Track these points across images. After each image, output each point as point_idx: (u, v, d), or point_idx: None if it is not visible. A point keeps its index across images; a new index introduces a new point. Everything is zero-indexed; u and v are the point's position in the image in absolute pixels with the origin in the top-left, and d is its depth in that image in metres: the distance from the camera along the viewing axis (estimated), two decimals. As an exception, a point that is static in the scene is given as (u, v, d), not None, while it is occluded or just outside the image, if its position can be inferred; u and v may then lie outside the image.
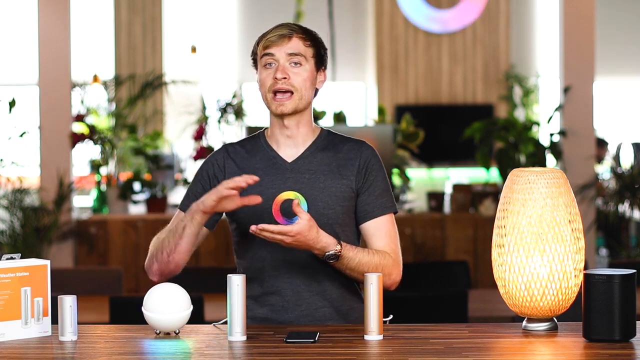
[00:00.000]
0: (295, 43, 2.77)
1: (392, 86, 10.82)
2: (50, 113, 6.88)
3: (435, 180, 9.58)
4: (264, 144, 2.86)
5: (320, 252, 2.69)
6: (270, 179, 2.79)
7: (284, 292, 2.78)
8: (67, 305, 2.53)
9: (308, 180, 2.79)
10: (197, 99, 8.57)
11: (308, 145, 2.84)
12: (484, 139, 7.27)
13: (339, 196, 2.78)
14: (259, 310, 2.81)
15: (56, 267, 4.56)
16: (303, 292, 2.78)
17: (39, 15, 6.89)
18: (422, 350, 2.41)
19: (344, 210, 2.79)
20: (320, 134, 2.87)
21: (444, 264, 5.75)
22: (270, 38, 2.76)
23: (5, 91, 9.57)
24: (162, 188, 7.25)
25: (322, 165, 2.81)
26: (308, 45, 2.78)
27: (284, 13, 10.05)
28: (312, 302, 2.79)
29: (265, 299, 2.80)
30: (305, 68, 2.77)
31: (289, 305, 2.79)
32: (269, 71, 2.77)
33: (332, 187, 2.79)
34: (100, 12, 10.99)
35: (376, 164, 2.84)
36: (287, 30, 2.77)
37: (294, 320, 2.78)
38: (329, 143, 2.85)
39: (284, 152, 2.83)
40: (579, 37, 6.94)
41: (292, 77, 2.76)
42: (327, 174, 2.80)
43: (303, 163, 2.81)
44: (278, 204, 2.74)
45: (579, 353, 2.39)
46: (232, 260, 7.24)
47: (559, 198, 2.55)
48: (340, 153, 2.83)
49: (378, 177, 2.83)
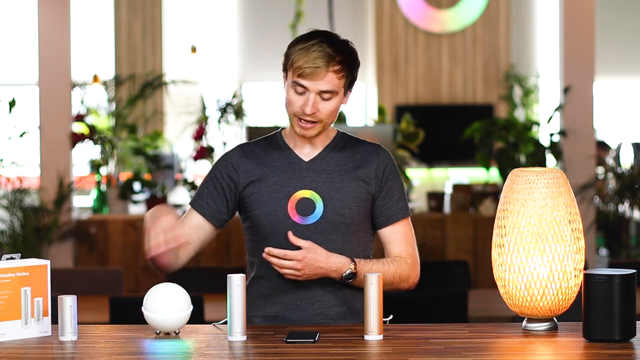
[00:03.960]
0: (330, 79, 2.70)
1: (392, 86, 10.82)
2: (50, 113, 6.88)
3: (435, 180, 9.59)
4: (281, 142, 2.86)
5: (337, 274, 2.72)
6: (287, 177, 2.80)
7: (297, 290, 2.79)
8: (67, 305, 2.53)
9: (325, 179, 2.80)
10: (197, 99, 8.58)
11: (325, 145, 2.84)
12: (484, 139, 7.27)
13: (355, 197, 2.79)
14: (271, 309, 2.81)
15: (56, 267, 4.56)
16: (316, 291, 2.79)
17: (39, 15, 6.89)
18: (422, 350, 2.41)
19: (360, 211, 2.80)
20: (337, 135, 2.88)
21: (444, 264, 5.74)
22: (306, 70, 2.69)
23: (5, 91, 9.57)
24: (162, 188, 7.25)
25: (339, 166, 2.82)
26: (341, 77, 2.73)
27: (284, 13, 10.06)
28: (325, 301, 2.79)
29: (278, 296, 2.80)
30: (334, 100, 2.74)
31: (302, 304, 2.79)
32: (299, 98, 2.73)
33: (348, 188, 2.79)
34: (100, 12, 10.99)
35: (393, 168, 2.86)
36: (324, 61, 2.68)
37: (306, 318, 2.79)
38: (346, 144, 2.86)
39: (301, 151, 2.84)
40: (579, 37, 6.94)
41: (321, 110, 2.73)
42: (343, 174, 2.81)
43: (320, 163, 2.82)
44: (294, 202, 2.74)
45: (579, 353, 2.39)
46: (232, 260, 7.27)
47: (559, 198, 2.55)
48: (357, 155, 2.84)
49: (396, 181, 2.85)
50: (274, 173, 2.79)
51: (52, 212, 6.79)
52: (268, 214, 2.78)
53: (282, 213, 2.76)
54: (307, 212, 2.76)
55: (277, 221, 2.77)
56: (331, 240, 2.77)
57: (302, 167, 2.81)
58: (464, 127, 7.55)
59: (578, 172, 6.84)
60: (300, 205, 2.75)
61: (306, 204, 2.73)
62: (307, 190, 2.76)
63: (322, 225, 2.77)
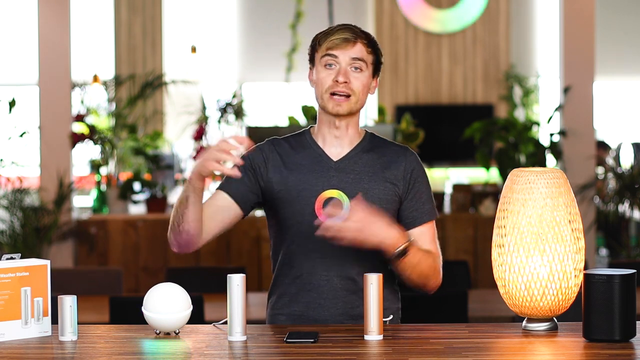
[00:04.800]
0: (359, 48, 2.79)
1: (392, 86, 10.82)
2: (50, 113, 6.88)
3: (435, 180, 9.58)
4: (310, 141, 2.86)
5: (392, 246, 2.67)
6: (315, 176, 2.79)
7: (321, 289, 2.79)
8: (67, 305, 2.53)
9: (352, 180, 2.79)
10: (197, 99, 8.57)
11: (354, 146, 2.85)
12: (484, 139, 7.27)
13: (382, 198, 2.78)
14: (295, 307, 2.81)
15: (56, 267, 4.56)
16: (340, 291, 2.78)
17: (39, 15, 6.89)
18: (422, 350, 2.41)
19: (386, 213, 2.76)
20: (365, 135, 2.89)
21: (444, 264, 5.72)
22: (335, 40, 2.77)
23: (5, 91, 9.57)
24: (162, 188, 7.25)
25: (367, 167, 2.82)
26: (369, 52, 2.81)
27: (284, 13, 10.07)
28: (349, 301, 2.79)
29: (302, 295, 2.80)
30: (364, 74, 2.80)
31: (325, 303, 2.79)
32: (330, 72, 2.78)
33: (375, 189, 2.79)
34: (100, 12, 10.99)
35: (421, 170, 2.86)
36: (352, 34, 2.78)
37: (329, 318, 2.78)
38: (374, 145, 2.87)
39: (330, 150, 2.84)
40: (579, 37, 6.94)
41: (353, 82, 2.77)
42: (371, 176, 2.81)
43: (348, 163, 2.82)
44: (321, 202, 2.71)
45: (579, 353, 2.39)
46: (232, 260, 7.27)
47: (559, 198, 2.55)
48: (385, 156, 2.85)
49: (423, 183, 2.85)
50: (302, 171, 2.79)
51: (52, 212, 6.79)
52: (295, 212, 2.78)
53: (309, 212, 2.74)
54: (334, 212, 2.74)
55: (304, 220, 2.76)
56: None
57: (330, 167, 2.81)
58: (464, 127, 7.55)
59: (578, 172, 6.84)
60: (327, 204, 2.73)
61: (334, 204, 2.72)
62: (334, 190, 2.74)
63: None
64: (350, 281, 2.78)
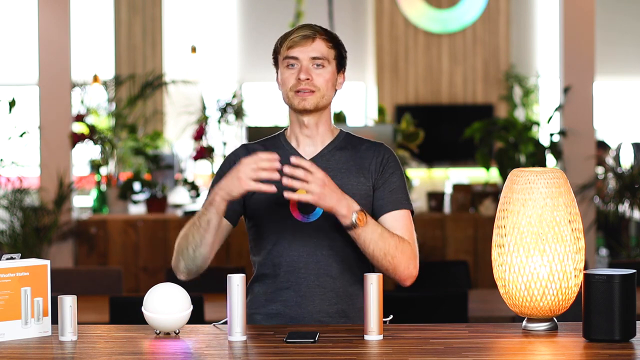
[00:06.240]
0: (319, 45, 2.80)
1: (392, 86, 10.82)
2: (50, 113, 6.88)
3: (435, 180, 9.58)
4: (284, 142, 2.89)
5: (348, 210, 2.66)
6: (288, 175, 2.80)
7: (299, 287, 2.80)
8: (67, 305, 2.53)
9: None
10: (197, 99, 8.57)
11: (327, 144, 2.86)
12: (484, 139, 7.27)
13: (356, 194, 2.78)
14: (272, 306, 2.82)
15: (56, 267, 4.56)
16: (317, 289, 2.79)
17: (39, 15, 6.89)
18: (422, 350, 2.41)
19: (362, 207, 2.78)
20: (339, 134, 2.90)
21: (444, 264, 5.74)
22: (294, 39, 2.79)
23: (5, 91, 9.57)
24: (162, 188, 7.24)
25: (340, 164, 2.84)
26: (330, 47, 2.82)
27: (284, 13, 10.06)
28: (326, 299, 2.80)
29: (279, 294, 2.81)
30: (327, 70, 2.81)
31: (303, 301, 2.79)
32: (292, 71, 2.80)
33: (348, 185, 2.79)
34: (100, 12, 10.99)
35: (393, 162, 2.86)
36: (310, 31, 2.81)
37: (307, 316, 2.79)
38: (348, 143, 2.88)
39: (303, 150, 2.86)
40: (579, 37, 6.94)
41: (315, 78, 2.79)
42: (344, 173, 2.82)
43: (321, 161, 2.83)
44: (295, 201, 2.74)
45: (579, 353, 2.39)
46: (232, 260, 7.26)
47: (559, 198, 2.55)
48: (359, 152, 2.86)
49: (395, 174, 2.85)
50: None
51: (52, 212, 6.79)
52: (270, 212, 2.80)
53: (284, 211, 2.77)
54: (308, 210, 2.78)
55: (279, 219, 2.78)
56: (333, 238, 2.78)
57: None
58: (464, 127, 7.54)
59: (578, 172, 6.84)
60: (301, 203, 2.75)
61: (307, 203, 2.73)
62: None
63: (324, 223, 2.77)
64: (328, 278, 2.79)
